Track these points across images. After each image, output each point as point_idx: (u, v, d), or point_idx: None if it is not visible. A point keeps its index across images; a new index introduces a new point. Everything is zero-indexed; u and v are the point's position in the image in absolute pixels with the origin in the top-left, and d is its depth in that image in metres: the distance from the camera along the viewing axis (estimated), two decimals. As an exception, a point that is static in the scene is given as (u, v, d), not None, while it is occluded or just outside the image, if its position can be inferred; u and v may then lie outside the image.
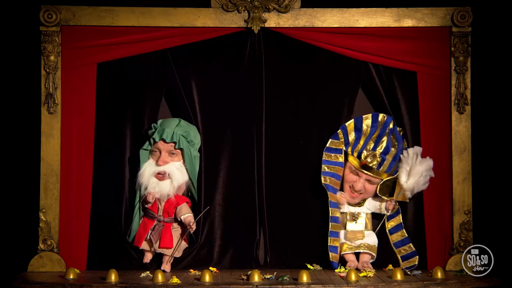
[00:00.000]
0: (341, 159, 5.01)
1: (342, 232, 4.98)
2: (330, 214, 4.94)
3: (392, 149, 4.97)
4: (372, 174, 4.93)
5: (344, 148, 5.01)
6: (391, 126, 5.00)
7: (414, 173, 4.88)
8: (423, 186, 4.91)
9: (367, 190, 4.98)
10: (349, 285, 4.49)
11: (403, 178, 4.92)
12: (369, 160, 4.92)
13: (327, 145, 5.01)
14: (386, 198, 4.96)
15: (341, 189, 5.02)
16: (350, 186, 4.99)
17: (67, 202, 4.90)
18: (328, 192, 4.94)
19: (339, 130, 5.03)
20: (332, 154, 5.01)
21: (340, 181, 5.01)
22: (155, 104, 5.03)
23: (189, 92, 5.01)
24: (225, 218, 5.03)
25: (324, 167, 4.99)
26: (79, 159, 4.92)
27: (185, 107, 5.00)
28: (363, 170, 4.93)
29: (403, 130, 5.02)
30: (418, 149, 4.93)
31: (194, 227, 4.80)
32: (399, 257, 4.95)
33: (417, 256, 4.93)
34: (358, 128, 5.00)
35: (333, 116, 5.07)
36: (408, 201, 4.96)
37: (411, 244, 4.96)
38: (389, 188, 4.97)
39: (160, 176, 4.84)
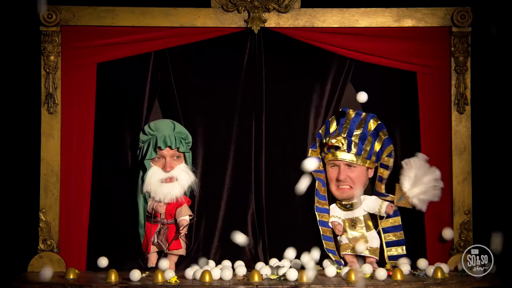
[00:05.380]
0: (321, 167, 5.03)
1: (344, 237, 4.96)
2: (317, 219, 4.95)
3: (357, 131, 4.97)
4: (347, 159, 4.91)
5: (320, 156, 5.03)
6: (362, 116, 5.01)
7: (422, 182, 4.86)
8: (435, 198, 4.89)
9: (353, 179, 4.95)
10: (349, 285, 4.49)
11: (405, 185, 4.90)
12: (333, 140, 4.91)
13: (308, 154, 5.02)
14: (386, 201, 4.96)
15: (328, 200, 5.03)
16: (335, 181, 4.96)
17: (67, 202, 4.90)
18: (315, 198, 4.96)
19: (316, 139, 5.04)
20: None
21: (325, 187, 5.01)
22: (151, 104, 5.04)
23: (186, 92, 5.02)
24: (224, 218, 5.03)
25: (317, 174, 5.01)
26: (79, 159, 4.92)
27: (178, 107, 4.99)
28: (337, 156, 4.92)
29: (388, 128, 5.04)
30: (424, 157, 4.92)
31: (183, 232, 4.83)
32: (386, 256, 4.94)
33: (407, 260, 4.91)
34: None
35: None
36: (411, 207, 4.94)
37: (404, 247, 4.95)
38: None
39: (170, 180, 4.85)
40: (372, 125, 5.01)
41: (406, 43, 4.98)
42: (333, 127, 5.04)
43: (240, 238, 4.72)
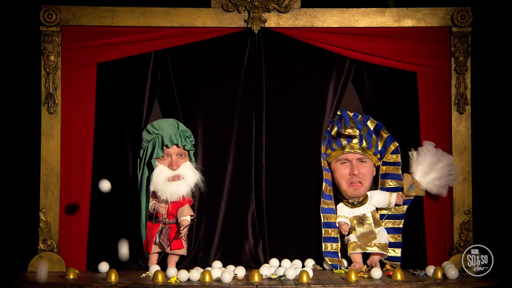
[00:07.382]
0: (327, 165, 5.03)
1: (352, 236, 4.95)
2: (322, 220, 4.95)
3: (364, 127, 4.97)
4: (360, 152, 4.92)
5: (325, 154, 5.03)
6: (358, 118, 5.03)
7: (436, 168, 4.86)
8: (452, 183, 4.89)
9: (364, 174, 4.93)
10: (349, 285, 4.49)
11: (417, 174, 4.89)
12: (350, 130, 4.91)
13: (322, 151, 5.03)
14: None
15: (335, 200, 5.02)
16: (348, 176, 4.94)
17: (67, 202, 4.89)
18: (321, 199, 4.96)
19: (326, 135, 5.05)
20: (323, 160, 5.04)
21: (331, 186, 5.00)
22: (151, 104, 5.04)
23: (186, 92, 5.02)
24: (224, 218, 5.03)
25: (325, 173, 5.00)
26: (79, 159, 4.92)
27: (178, 107, 4.99)
28: (351, 148, 4.92)
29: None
30: (434, 145, 4.93)
31: (183, 232, 4.83)
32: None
33: (400, 263, 4.90)
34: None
35: (334, 116, 5.09)
36: (423, 195, 4.93)
37: (400, 250, 4.94)
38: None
39: (176, 178, 4.85)
40: (370, 125, 5.01)
41: (406, 43, 4.98)
42: (340, 124, 5.03)
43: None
